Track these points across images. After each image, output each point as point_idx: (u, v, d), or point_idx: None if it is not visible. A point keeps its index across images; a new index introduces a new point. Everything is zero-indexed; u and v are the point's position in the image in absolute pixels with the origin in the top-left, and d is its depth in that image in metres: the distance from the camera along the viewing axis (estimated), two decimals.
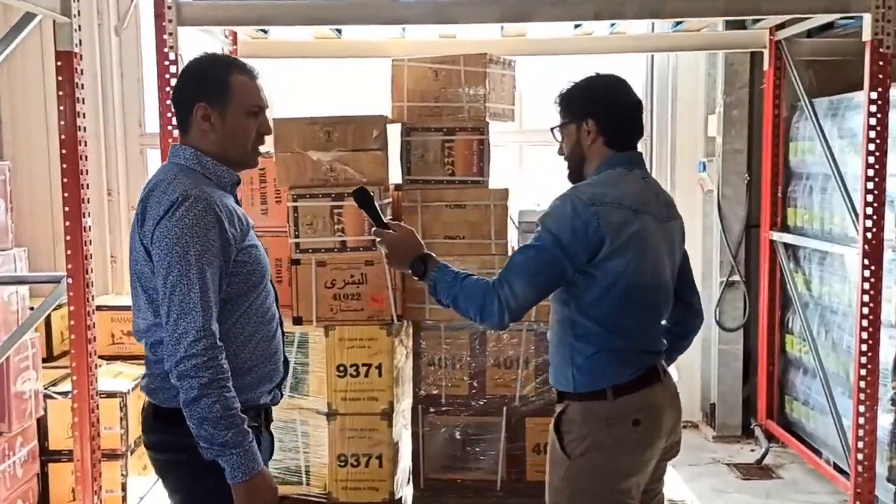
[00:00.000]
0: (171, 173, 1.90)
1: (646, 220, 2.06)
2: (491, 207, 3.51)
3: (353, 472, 3.51)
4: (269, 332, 2.00)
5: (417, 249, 2.17)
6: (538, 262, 2.02)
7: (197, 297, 1.78)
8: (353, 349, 3.46)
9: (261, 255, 1.98)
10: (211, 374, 1.77)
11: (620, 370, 2.06)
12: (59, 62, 2.93)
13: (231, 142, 1.95)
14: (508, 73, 3.73)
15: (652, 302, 2.11)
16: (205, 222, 1.80)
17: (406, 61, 3.61)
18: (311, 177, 3.35)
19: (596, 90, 2.16)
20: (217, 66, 1.97)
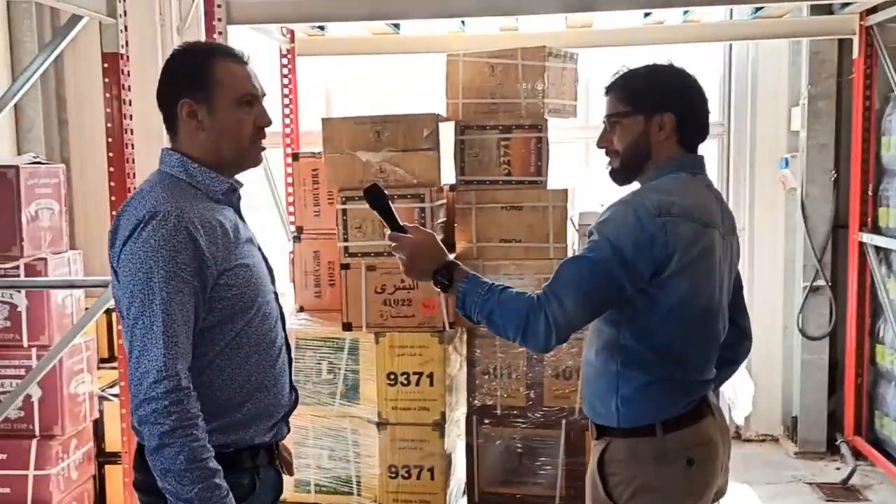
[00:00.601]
0: (149, 183, 1.70)
1: (713, 235, 1.84)
2: (549, 209, 3.31)
3: (404, 483, 3.39)
4: (266, 360, 1.76)
5: (441, 257, 1.89)
6: (593, 275, 1.76)
7: (159, 332, 1.55)
8: (403, 357, 3.33)
9: (253, 275, 1.73)
10: (173, 420, 1.54)
11: (672, 402, 1.83)
12: (105, 63, 2.90)
13: (224, 139, 1.72)
14: (570, 66, 3.53)
15: (713, 327, 1.89)
16: (174, 243, 1.58)
17: (461, 56, 3.45)
18: (361, 178, 3.22)
19: (677, 81, 1.91)
20: (196, 54, 1.75)
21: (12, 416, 3.24)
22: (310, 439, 3.47)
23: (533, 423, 3.41)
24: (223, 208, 1.74)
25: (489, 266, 3.35)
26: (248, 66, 1.76)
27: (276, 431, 1.80)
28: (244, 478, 1.70)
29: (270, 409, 1.77)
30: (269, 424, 1.77)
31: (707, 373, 1.91)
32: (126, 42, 2.93)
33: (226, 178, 1.76)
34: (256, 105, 1.75)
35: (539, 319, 1.75)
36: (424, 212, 3.20)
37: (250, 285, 1.72)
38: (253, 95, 1.74)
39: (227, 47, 1.80)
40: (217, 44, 1.88)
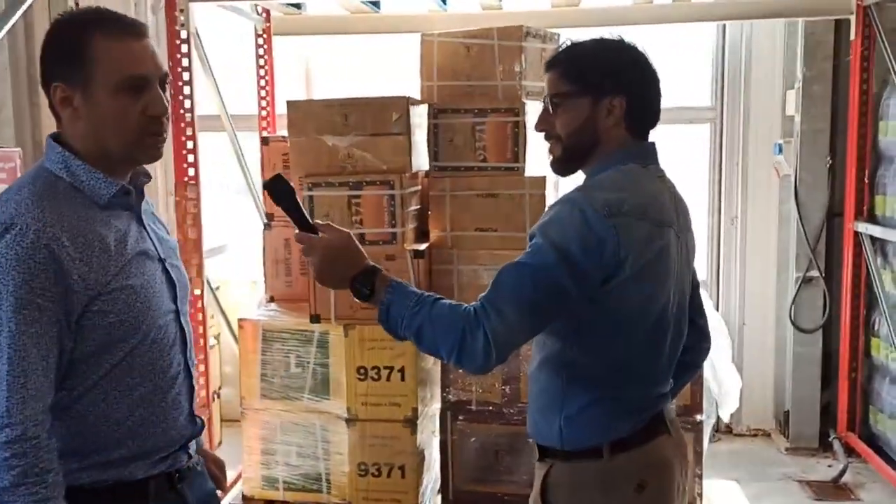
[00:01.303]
0: (20, 182, 1.46)
1: (668, 235, 1.65)
2: (527, 197, 3.16)
3: (374, 482, 3.26)
4: (154, 393, 1.53)
5: (359, 261, 1.64)
6: (536, 283, 1.54)
7: (4, 371, 1.34)
8: (374, 350, 3.20)
9: (139, 298, 1.49)
10: (15, 475, 1.34)
11: (621, 422, 1.66)
12: None
13: (105, 130, 1.46)
14: (550, 47, 3.36)
15: (668, 335, 1.70)
16: (30, 264, 1.34)
17: (436, 36, 3.29)
18: (328, 164, 3.08)
19: (628, 59, 1.68)
20: (72, 28, 1.46)
21: None
22: (278, 435, 3.35)
23: (509, 420, 3.28)
24: (112, 215, 1.49)
25: (464, 255, 3.22)
26: (141, 41, 1.47)
27: (172, 461, 1.59)
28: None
29: (159, 444, 1.55)
30: (157, 458, 1.56)
31: (663, 386, 1.74)
32: None
33: (116, 178, 1.50)
34: (147, 90, 1.47)
35: (477, 336, 1.51)
36: (394, 199, 3.06)
37: (133, 310, 1.48)
38: (140, 78, 1.46)
39: (114, 16, 1.48)
40: (102, 11, 1.49)
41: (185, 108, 3.11)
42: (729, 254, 4.69)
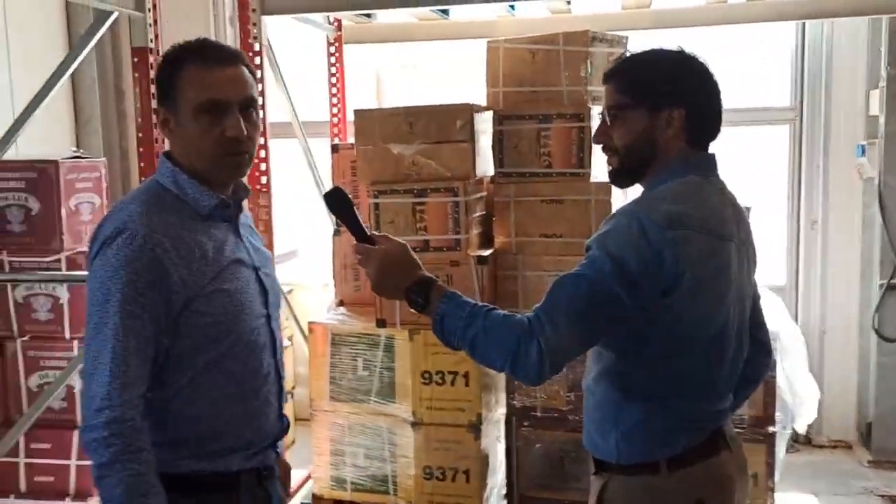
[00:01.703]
0: (132, 194, 1.62)
1: (729, 249, 1.63)
2: (592, 203, 3.15)
3: (438, 485, 3.29)
4: (246, 392, 1.65)
5: (413, 271, 1.66)
6: (592, 296, 1.53)
7: (107, 358, 1.47)
8: (438, 355, 3.23)
9: (233, 301, 1.61)
10: (112, 452, 1.46)
11: (679, 437, 1.64)
12: (134, 58, 2.89)
13: (191, 149, 1.59)
14: (618, 50, 3.33)
15: (729, 350, 1.67)
16: (137, 265, 1.48)
17: (501, 42, 3.30)
18: (393, 172, 3.13)
19: (687, 70, 1.67)
20: (168, 58, 1.62)
21: (56, 407, 3.31)
22: (346, 437, 3.42)
23: (574, 427, 3.26)
24: (212, 225, 1.63)
25: (528, 261, 3.22)
26: (226, 68, 1.58)
27: (263, 458, 1.71)
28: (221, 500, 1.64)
29: (251, 440, 1.67)
30: (249, 454, 1.67)
31: (721, 402, 1.71)
32: (156, 36, 2.91)
33: (217, 191, 1.63)
34: (227, 113, 1.57)
35: (531, 347, 1.51)
36: (458, 206, 3.09)
37: (228, 312, 1.60)
38: (216, 102, 1.56)
39: (211, 46, 1.63)
40: (203, 42, 1.63)
41: None
42: (809, 259, 4.54)
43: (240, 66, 1.62)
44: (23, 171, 3.20)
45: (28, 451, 3.31)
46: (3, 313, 3.32)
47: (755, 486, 3.13)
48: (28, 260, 3.23)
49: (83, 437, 1.51)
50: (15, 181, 3.19)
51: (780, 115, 4.59)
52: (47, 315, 3.30)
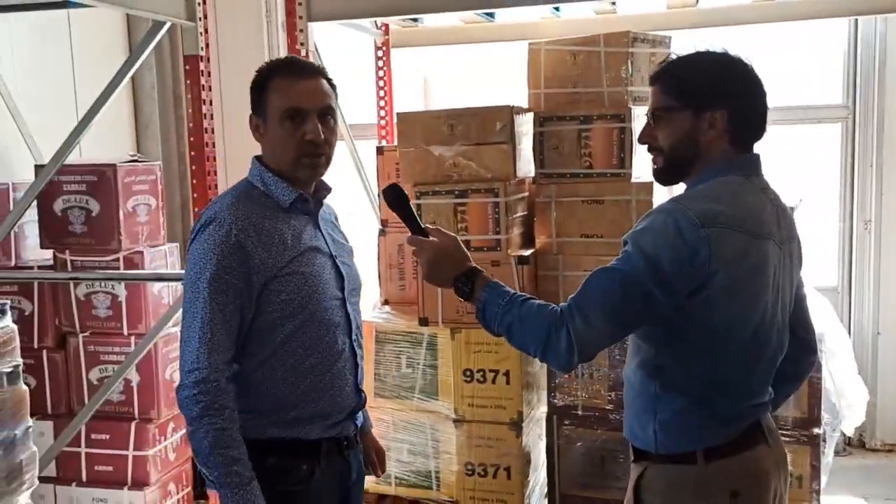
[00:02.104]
0: (228, 189, 1.90)
1: (766, 248, 1.65)
2: (633, 203, 3.16)
3: (480, 481, 3.35)
4: (321, 365, 1.85)
5: (463, 263, 1.78)
6: (624, 290, 1.59)
7: (197, 327, 1.71)
8: (479, 353, 3.28)
9: (307, 283, 1.82)
10: (200, 408, 1.69)
11: (717, 429, 1.67)
12: (186, 66, 3.01)
13: (276, 153, 1.84)
14: (660, 51, 3.33)
15: (767, 348, 1.70)
16: (224, 248, 1.73)
17: (543, 44, 3.34)
18: (435, 173, 3.20)
19: (730, 72, 1.70)
20: (262, 71, 1.87)
21: (115, 400, 3.45)
22: (390, 432, 3.49)
23: (615, 426, 3.27)
24: (293, 217, 1.86)
25: (569, 261, 3.25)
26: (308, 80, 1.82)
27: (342, 429, 1.91)
28: (303, 465, 1.83)
29: (327, 410, 1.87)
30: (328, 423, 1.87)
31: (759, 396, 1.73)
32: (206, 44, 3.03)
33: (299, 189, 1.86)
34: (306, 121, 1.79)
35: (561, 336, 1.60)
36: (498, 206, 3.13)
37: (301, 292, 1.81)
38: (297, 110, 1.79)
39: (297, 62, 1.90)
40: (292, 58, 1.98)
41: None
42: (862, 259, 4.45)
43: (320, 79, 1.85)
44: (84, 174, 3.35)
45: (88, 442, 3.46)
46: (66, 310, 3.47)
47: (799, 487, 3.10)
48: (89, 259, 3.38)
49: (177, 396, 1.74)
50: (76, 184, 3.34)
51: (832, 114, 4.51)
52: (106, 312, 3.44)
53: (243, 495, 1.70)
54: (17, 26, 3.83)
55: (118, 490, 3.45)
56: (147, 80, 4.94)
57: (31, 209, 3.38)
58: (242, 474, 1.71)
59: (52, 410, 3.51)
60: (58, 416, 3.50)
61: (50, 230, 3.42)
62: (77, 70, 4.26)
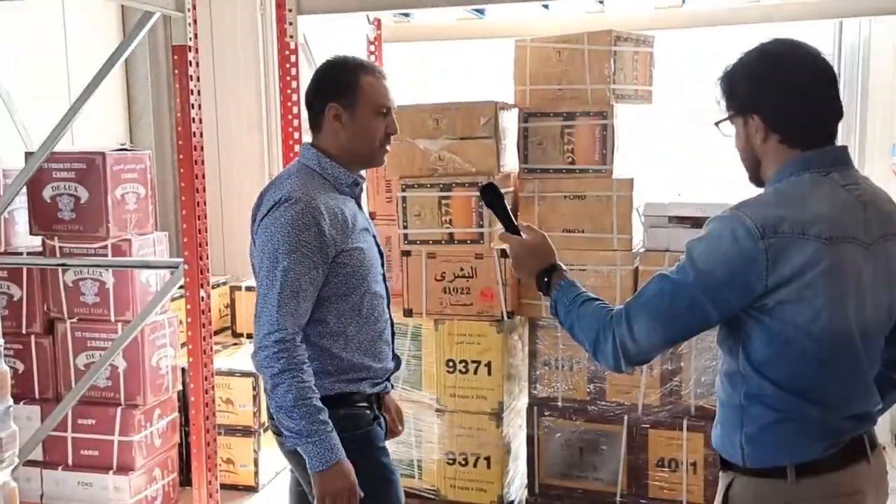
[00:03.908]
0: (288, 171, 2.05)
1: (845, 251, 1.52)
2: (614, 199, 3.21)
3: (461, 470, 3.40)
4: (373, 333, 2.08)
5: (546, 259, 1.82)
6: (673, 301, 1.56)
7: (276, 294, 1.88)
8: (462, 345, 3.34)
9: (366, 258, 2.04)
10: (282, 364, 1.87)
11: (809, 444, 1.57)
12: (174, 56, 3.05)
13: (360, 140, 2.04)
14: (643, 50, 3.39)
15: (857, 357, 1.58)
16: (300, 223, 1.90)
17: (529, 42, 3.39)
18: (420, 167, 3.24)
19: (760, 70, 1.59)
20: (347, 68, 2.06)
21: (101, 385, 3.50)
22: None
23: (594, 418, 3.34)
24: (346, 199, 2.06)
25: None
26: (386, 81, 2.08)
27: (383, 386, 2.17)
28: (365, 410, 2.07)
29: (377, 371, 2.10)
30: (374, 382, 2.11)
31: (857, 408, 1.60)
32: (195, 34, 3.07)
33: (352, 173, 2.08)
34: (389, 115, 2.08)
35: (608, 340, 1.62)
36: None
37: (363, 265, 2.03)
38: (388, 108, 2.07)
39: (372, 64, 2.14)
40: (364, 60, 2.14)
41: (293, 114, 3.35)
42: None
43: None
44: (73, 161, 3.39)
45: (75, 426, 3.51)
46: (55, 296, 3.52)
47: None
48: (77, 246, 3.42)
49: (256, 358, 1.91)
50: (66, 172, 3.39)
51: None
52: (94, 298, 3.49)
53: (327, 441, 1.88)
54: (11, 14, 3.87)
55: (103, 475, 3.50)
56: (141, 70, 4.98)
57: (21, 196, 3.43)
58: (326, 422, 1.89)
59: (40, 395, 3.56)
60: (45, 401, 3.55)
61: (39, 217, 3.46)
62: (71, 60, 4.31)
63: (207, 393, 3.23)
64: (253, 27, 5.03)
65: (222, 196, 5.13)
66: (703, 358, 3.20)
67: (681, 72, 4.63)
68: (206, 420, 3.23)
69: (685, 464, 3.22)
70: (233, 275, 4.98)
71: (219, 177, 5.09)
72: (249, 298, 4.48)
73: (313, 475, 1.89)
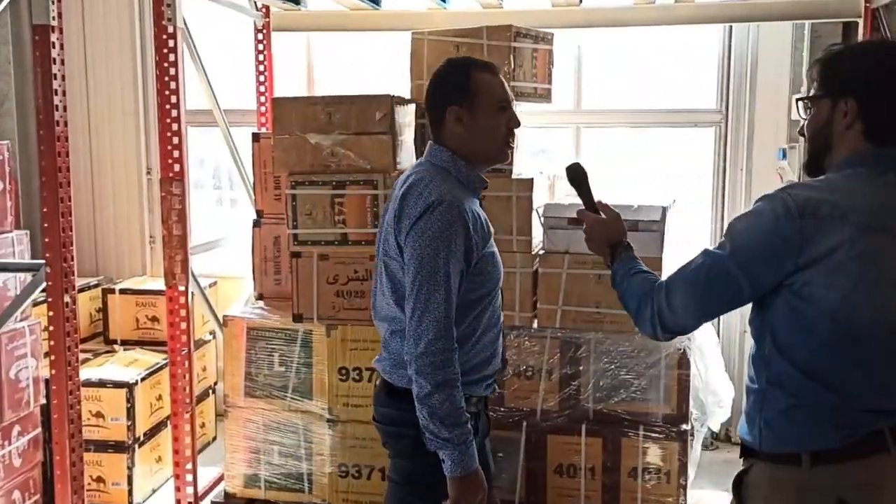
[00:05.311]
0: (428, 174, 2.00)
1: (882, 243, 1.55)
2: (513, 199, 3.13)
3: (354, 483, 3.24)
4: (493, 335, 2.10)
5: (615, 237, 1.92)
6: (710, 274, 1.63)
7: (441, 299, 1.89)
8: (356, 351, 3.18)
9: (497, 262, 2.07)
10: (444, 374, 1.89)
11: (825, 431, 1.58)
12: (35, 37, 2.73)
13: (483, 139, 2.03)
14: (543, 47, 3.32)
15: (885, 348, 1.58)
16: (455, 228, 1.90)
17: (426, 35, 3.26)
18: (311, 162, 3.06)
19: (868, 60, 1.64)
20: (458, 68, 2.06)
21: None
22: (261, 434, 3.34)
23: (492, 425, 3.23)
24: (475, 200, 2.06)
25: None
26: (500, 76, 2.07)
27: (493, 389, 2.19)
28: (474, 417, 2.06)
29: (491, 372, 2.13)
30: (488, 384, 2.14)
31: (883, 402, 1.60)
32: (59, 14, 2.76)
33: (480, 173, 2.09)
34: (509, 110, 2.06)
35: (647, 309, 1.71)
36: (377, 199, 3.03)
37: (496, 270, 2.06)
38: (506, 101, 2.05)
39: (483, 61, 2.10)
40: (475, 59, 2.14)
41: (171, 104, 3.09)
42: None
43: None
44: None
45: None
46: None
47: (668, 482, 3.16)
48: None
49: (416, 363, 1.90)
50: None
51: (706, 118, 4.64)
52: None
53: (470, 450, 1.92)
54: None
55: None
56: (2, 54, 4.55)
57: None
58: (470, 432, 1.94)
59: None
60: None
61: None
62: None
63: (73, 407, 2.92)
64: (129, 9, 4.69)
65: (94, 190, 4.77)
66: (601, 361, 3.16)
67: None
68: (72, 437, 2.93)
69: (583, 469, 3.18)
70: (106, 276, 4.63)
71: (91, 169, 4.72)
72: (124, 302, 4.16)
73: (451, 480, 1.94)
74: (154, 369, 3.81)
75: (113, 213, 4.82)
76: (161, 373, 3.79)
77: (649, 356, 3.09)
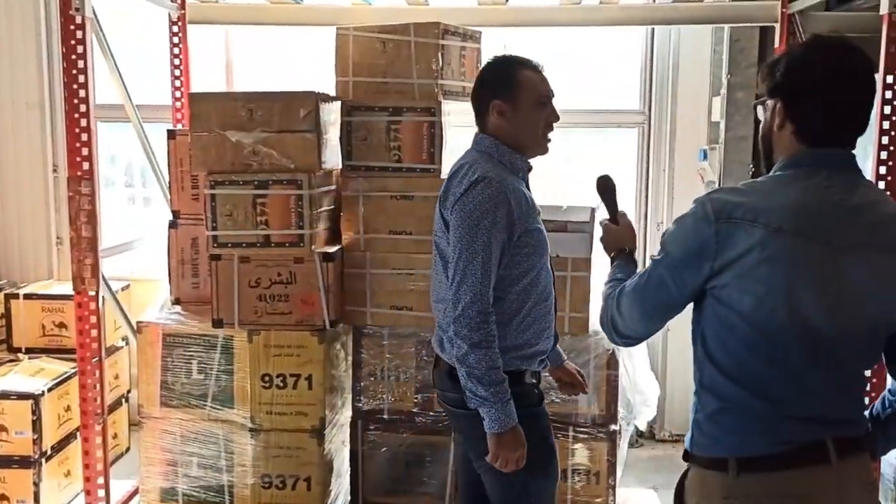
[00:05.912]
0: (473, 158, 2.18)
1: (797, 245, 1.50)
2: None
3: (277, 494, 3.12)
4: (543, 309, 2.21)
5: (620, 245, 1.98)
6: (647, 278, 1.68)
7: (479, 265, 2.04)
8: (279, 357, 3.06)
9: (542, 238, 2.20)
10: (480, 335, 2.04)
11: (750, 438, 1.55)
12: None
13: (523, 132, 2.19)
14: (471, 45, 3.26)
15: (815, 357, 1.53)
16: (496, 201, 2.05)
17: (351, 30, 3.16)
18: (232, 160, 2.93)
19: (795, 60, 1.60)
20: (505, 65, 2.22)
21: None
22: (178, 445, 3.18)
23: (421, 430, 3.18)
24: (521, 182, 2.20)
25: (377, 259, 3.10)
26: (542, 73, 2.22)
27: (545, 364, 2.34)
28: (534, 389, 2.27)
29: (544, 348, 2.26)
30: (540, 359, 2.28)
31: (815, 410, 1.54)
32: None
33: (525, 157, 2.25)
34: (549, 105, 2.21)
35: (606, 312, 1.76)
36: (302, 199, 2.92)
37: (540, 245, 2.19)
38: (547, 97, 2.21)
39: (528, 59, 2.23)
40: (520, 56, 2.24)
41: (79, 98, 2.89)
42: None
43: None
44: None
45: None
46: None
47: (597, 483, 3.16)
48: None
49: (454, 325, 2.07)
50: None
51: (630, 119, 4.69)
52: None
53: (507, 408, 2.06)
54: None
55: None
56: None
57: None
58: (507, 391, 2.07)
59: None
60: None
61: None
62: None
63: None
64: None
65: None
66: None
67: None
68: None
69: None
70: (9, 280, 4.36)
71: None
72: (29, 308, 3.92)
73: (490, 436, 2.08)
74: (62, 379, 3.60)
75: (16, 213, 4.55)
76: (69, 382, 3.58)
77: (578, 357, 3.07)
